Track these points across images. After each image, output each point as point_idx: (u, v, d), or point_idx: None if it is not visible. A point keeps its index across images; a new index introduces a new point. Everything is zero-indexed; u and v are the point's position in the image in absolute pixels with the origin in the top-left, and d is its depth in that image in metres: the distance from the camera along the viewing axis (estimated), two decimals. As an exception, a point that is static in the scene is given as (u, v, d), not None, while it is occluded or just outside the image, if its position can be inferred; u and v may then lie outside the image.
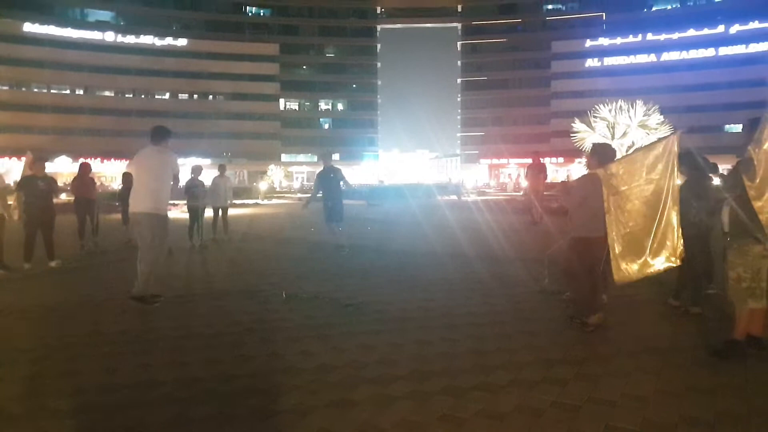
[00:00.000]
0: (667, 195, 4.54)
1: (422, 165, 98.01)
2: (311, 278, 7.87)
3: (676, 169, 4.57)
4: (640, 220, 4.60)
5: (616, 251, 4.60)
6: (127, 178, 10.56)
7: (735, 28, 71.66)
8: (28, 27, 69.85)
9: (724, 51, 72.21)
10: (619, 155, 5.30)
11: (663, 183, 4.55)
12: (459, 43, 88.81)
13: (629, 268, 4.61)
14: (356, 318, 5.59)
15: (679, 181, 4.78)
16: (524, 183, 16.06)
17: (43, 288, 7.46)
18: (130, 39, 75.69)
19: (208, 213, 12.85)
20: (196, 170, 12.39)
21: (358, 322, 5.42)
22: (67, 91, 74.63)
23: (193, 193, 12.04)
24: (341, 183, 10.73)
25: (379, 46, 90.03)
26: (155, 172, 6.19)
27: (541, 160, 16.19)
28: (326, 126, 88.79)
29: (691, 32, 73.93)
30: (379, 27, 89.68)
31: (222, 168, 13.28)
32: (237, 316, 5.73)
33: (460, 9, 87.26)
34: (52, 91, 73.62)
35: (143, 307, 6.02)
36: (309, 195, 13.99)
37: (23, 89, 71.76)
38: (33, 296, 6.85)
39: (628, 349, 4.55)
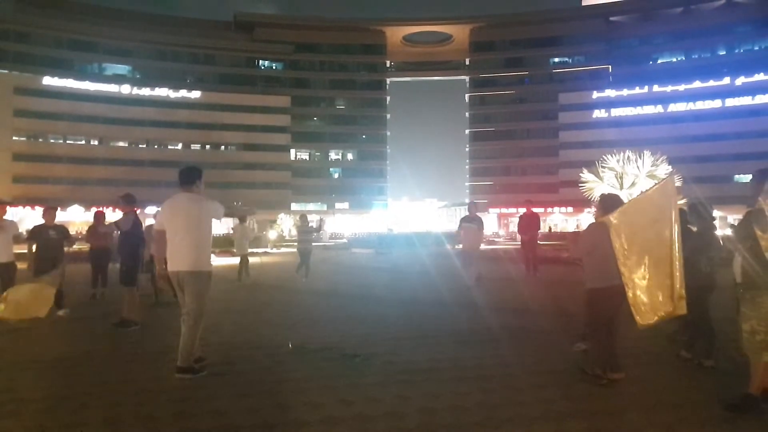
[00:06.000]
0: (672, 240, 4.50)
1: (431, 214, 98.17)
2: (318, 328, 7.82)
3: (675, 213, 4.52)
4: (649, 265, 4.54)
5: (630, 297, 4.56)
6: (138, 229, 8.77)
7: (740, 80, 72.58)
8: (47, 80, 71.97)
9: (731, 102, 73.01)
10: None
11: (666, 228, 4.50)
12: (467, 95, 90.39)
13: (647, 313, 4.54)
14: (364, 370, 5.53)
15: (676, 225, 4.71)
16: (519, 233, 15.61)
17: (50, 337, 7.44)
18: (145, 91, 77.65)
19: None
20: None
21: (365, 374, 5.35)
22: (83, 142, 76.20)
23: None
24: None
25: (388, 98, 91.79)
26: (194, 222, 5.40)
27: (533, 209, 15.88)
28: (336, 175, 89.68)
29: (697, 84, 74.94)
30: (388, 80, 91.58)
31: (243, 218, 14.53)
32: (243, 366, 5.68)
33: (467, 62, 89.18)
34: (68, 141, 75.20)
35: (148, 358, 5.98)
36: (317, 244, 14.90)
37: (40, 140, 73.43)
38: (40, 345, 6.84)
39: (640, 403, 4.45)
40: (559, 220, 75.25)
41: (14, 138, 70.98)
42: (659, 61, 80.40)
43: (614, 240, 4.59)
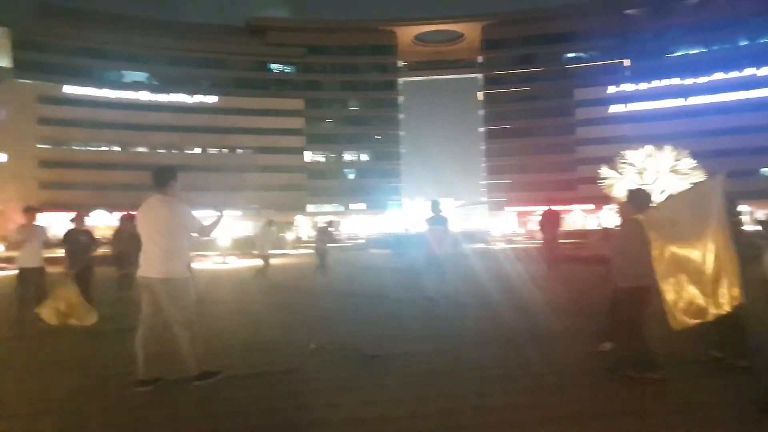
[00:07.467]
0: (719, 239, 4.37)
1: (448, 213, 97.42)
2: (337, 329, 7.79)
3: (723, 213, 4.40)
4: (690, 265, 4.44)
5: (670, 298, 4.45)
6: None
7: (764, 71, 70.87)
8: (68, 89, 73.14)
9: (755, 94, 71.12)
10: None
11: (711, 227, 4.39)
12: (480, 93, 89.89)
13: (685, 314, 4.44)
14: (384, 370, 5.49)
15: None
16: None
17: (77, 338, 7.46)
18: (163, 97, 78.61)
19: None
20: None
21: (385, 375, 5.31)
22: (104, 148, 77.33)
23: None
24: None
25: (401, 98, 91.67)
26: (164, 227, 5.08)
27: (554, 207, 15.56)
28: (351, 176, 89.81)
29: (718, 76, 73.43)
30: (400, 80, 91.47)
31: (270, 222, 15.07)
32: (263, 367, 5.67)
33: (480, 60, 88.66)
34: (89, 148, 76.39)
35: (171, 359, 5.96)
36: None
37: (63, 147, 74.63)
38: (67, 348, 6.88)
39: (668, 404, 4.34)
40: (579, 217, 74.44)
41: (38, 145, 72.28)
42: (677, 54, 78.77)
43: (651, 239, 4.48)
